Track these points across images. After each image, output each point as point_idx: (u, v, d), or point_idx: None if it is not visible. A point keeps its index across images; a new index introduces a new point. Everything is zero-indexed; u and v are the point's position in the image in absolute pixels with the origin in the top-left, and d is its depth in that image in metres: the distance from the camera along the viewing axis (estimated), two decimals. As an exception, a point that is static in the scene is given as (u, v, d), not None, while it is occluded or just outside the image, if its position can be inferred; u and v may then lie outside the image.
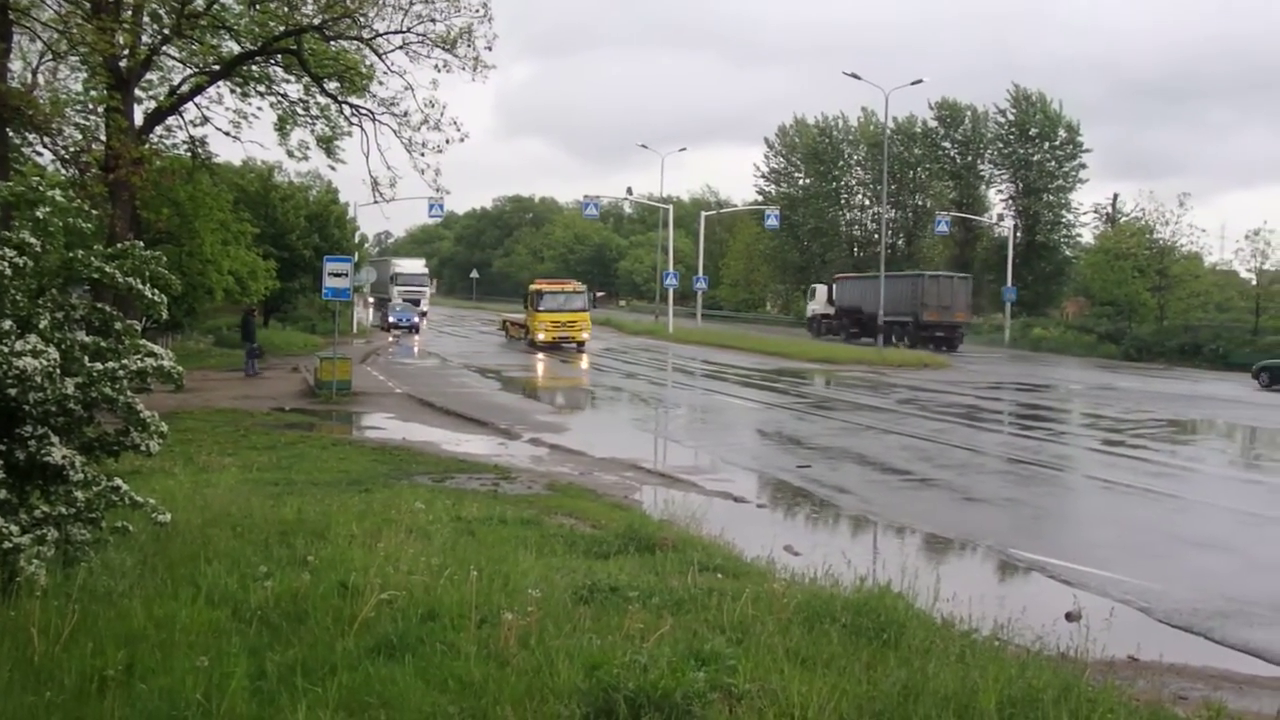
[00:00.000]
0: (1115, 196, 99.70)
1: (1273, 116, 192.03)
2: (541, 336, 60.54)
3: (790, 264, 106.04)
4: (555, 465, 22.91)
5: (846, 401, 37.29)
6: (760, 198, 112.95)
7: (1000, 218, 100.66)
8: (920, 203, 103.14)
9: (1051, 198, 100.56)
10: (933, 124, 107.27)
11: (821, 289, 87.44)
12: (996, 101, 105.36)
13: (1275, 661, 11.41)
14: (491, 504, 16.05)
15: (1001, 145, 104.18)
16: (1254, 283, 69.83)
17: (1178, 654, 11.23)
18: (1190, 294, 71.58)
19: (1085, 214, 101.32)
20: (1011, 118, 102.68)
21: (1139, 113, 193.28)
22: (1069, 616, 11.96)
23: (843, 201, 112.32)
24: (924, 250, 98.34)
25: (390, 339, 70.18)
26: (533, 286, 65.42)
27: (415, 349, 62.40)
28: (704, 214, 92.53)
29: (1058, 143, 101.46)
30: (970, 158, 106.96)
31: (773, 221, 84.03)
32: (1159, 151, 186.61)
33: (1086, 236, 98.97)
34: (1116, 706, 7.32)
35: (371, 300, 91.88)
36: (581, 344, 60.96)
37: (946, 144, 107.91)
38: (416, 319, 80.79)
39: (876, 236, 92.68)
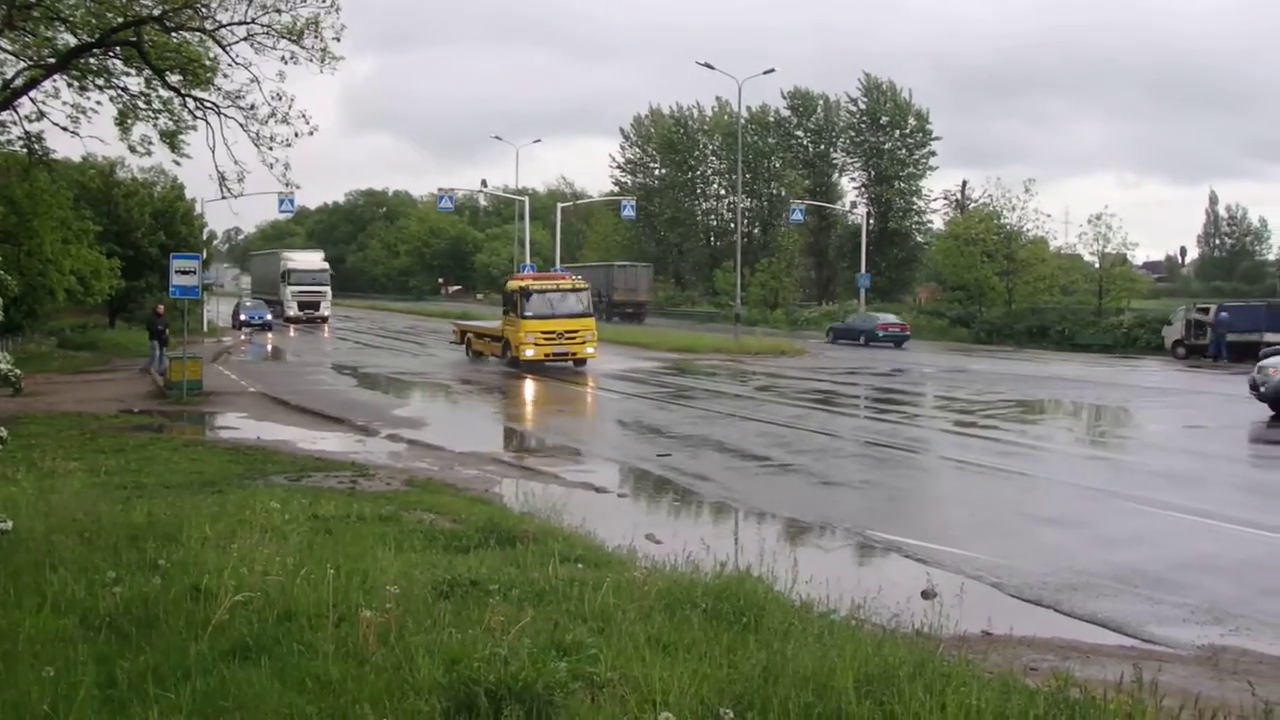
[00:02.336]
0: (964, 183, 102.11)
1: (1103, 107, 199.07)
2: (530, 353, 43.91)
3: (647, 254, 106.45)
4: (414, 461, 22.72)
5: (705, 390, 37.62)
6: (616, 188, 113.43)
7: (854, 205, 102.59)
8: (775, 191, 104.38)
9: (903, 185, 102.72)
10: (786, 113, 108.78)
11: None
12: (848, 91, 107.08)
13: (1119, 630, 11.81)
14: (349, 502, 15.86)
15: (854, 134, 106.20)
16: (1097, 266, 72.04)
17: (1028, 627, 11.52)
18: (1037, 278, 73.53)
19: (936, 201, 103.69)
20: (863, 106, 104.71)
21: (976, 103, 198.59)
22: (924, 594, 12.20)
23: (699, 191, 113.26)
24: (779, 239, 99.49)
25: (242, 336, 68.76)
26: (513, 283, 47.00)
27: (268, 346, 61.19)
28: (560, 206, 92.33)
29: (908, 131, 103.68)
30: (823, 146, 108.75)
31: (629, 212, 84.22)
32: (998, 141, 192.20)
33: (937, 223, 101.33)
34: (969, 680, 7.50)
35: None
36: (583, 361, 45.31)
37: (800, 133, 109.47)
38: (270, 316, 78.16)
39: (733, 226, 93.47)
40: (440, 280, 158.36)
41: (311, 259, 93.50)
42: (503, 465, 22.54)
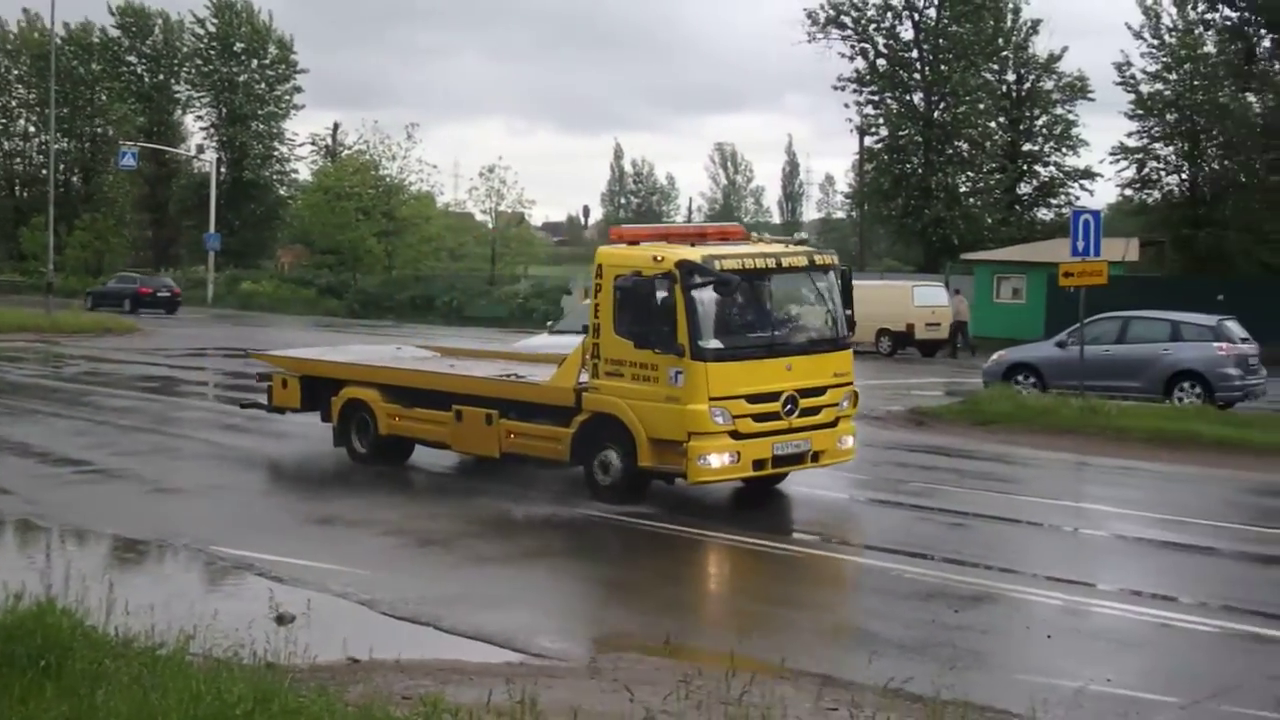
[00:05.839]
0: (336, 126, 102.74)
1: (489, 43, 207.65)
2: (719, 461, 17.89)
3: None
4: None
5: (3, 380, 35.75)
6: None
7: (201, 150, 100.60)
8: (101, 130, 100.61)
9: (262, 126, 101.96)
10: (115, 33, 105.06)
11: None
12: (193, 10, 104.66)
13: (507, 645, 12.36)
14: None
15: (201, 62, 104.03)
16: (490, 226, 74.70)
17: (404, 649, 11.70)
18: (422, 239, 75.26)
19: (302, 146, 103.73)
20: (212, 29, 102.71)
21: (347, 33, 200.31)
22: (280, 619, 12.20)
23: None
24: (106, 189, 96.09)
25: None
26: (633, 254, 19.16)
27: None
28: None
29: (268, 61, 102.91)
30: (163, 76, 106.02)
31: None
32: (374, 78, 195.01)
33: (304, 173, 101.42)
34: (322, 714, 7.56)
35: None
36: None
37: (133, 59, 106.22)
38: None
39: (44, 172, 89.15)
40: None
41: None
42: None
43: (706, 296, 17.99)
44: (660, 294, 18.05)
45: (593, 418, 18.73)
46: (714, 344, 17.96)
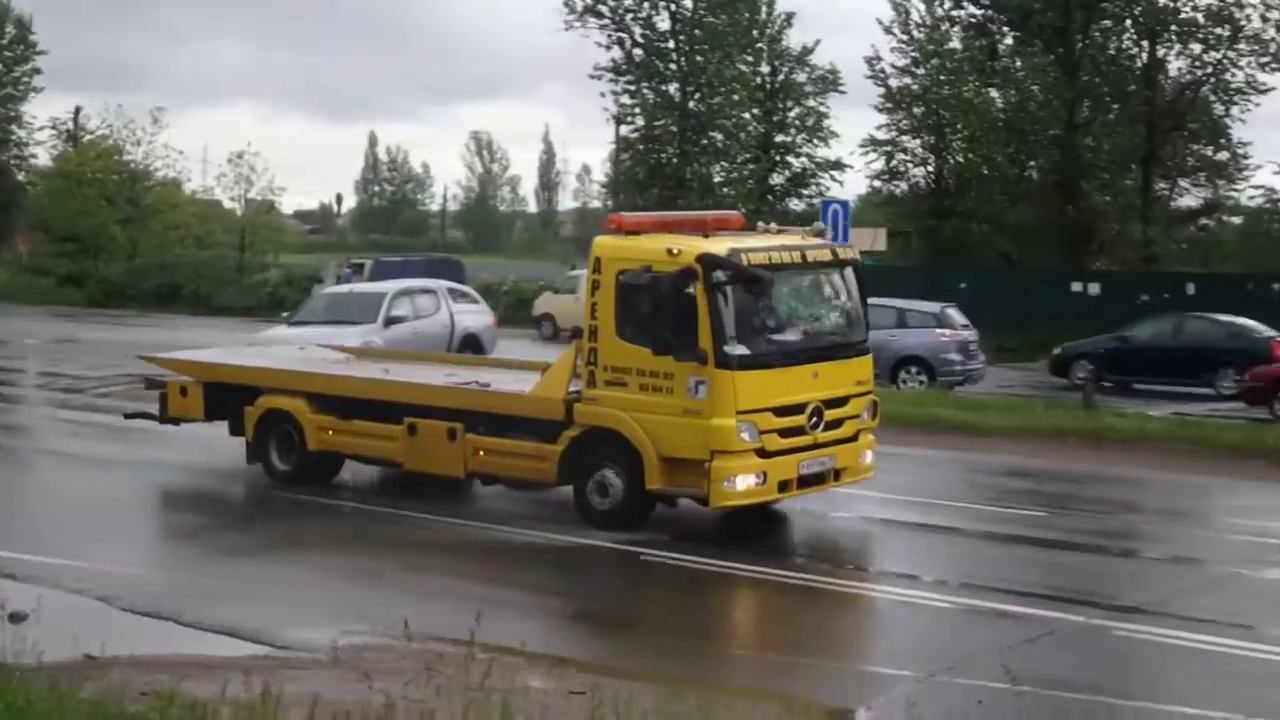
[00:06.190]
0: (78, 110, 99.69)
1: (238, 27, 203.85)
2: (744, 483, 16.00)
3: None
4: None
5: None
6: None
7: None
8: None
9: (0, 110, 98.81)
10: None
11: None
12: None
13: (252, 639, 12.31)
14: None
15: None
16: (239, 213, 73.64)
17: (144, 645, 11.63)
18: (167, 227, 73.75)
19: (42, 130, 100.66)
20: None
21: (90, 12, 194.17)
22: (14, 617, 11.89)
23: None
24: None
25: None
26: (656, 245, 16.66)
27: None
28: None
29: (6, 42, 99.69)
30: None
31: None
32: (118, 61, 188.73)
33: (44, 158, 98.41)
34: (52, 711, 7.39)
35: None
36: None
37: None
38: None
39: None
40: None
41: None
42: None
43: (730, 295, 15.88)
44: (677, 292, 15.71)
45: (587, 433, 16.51)
46: (740, 350, 15.87)
